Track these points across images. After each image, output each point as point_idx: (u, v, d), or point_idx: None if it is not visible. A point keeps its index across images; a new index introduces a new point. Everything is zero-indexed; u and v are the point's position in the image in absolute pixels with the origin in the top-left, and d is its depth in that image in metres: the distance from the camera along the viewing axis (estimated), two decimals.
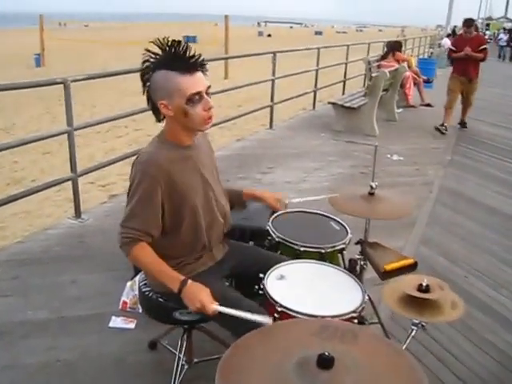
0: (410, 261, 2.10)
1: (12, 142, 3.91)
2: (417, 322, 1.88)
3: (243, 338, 1.32)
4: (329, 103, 7.71)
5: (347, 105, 7.28)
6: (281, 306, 1.71)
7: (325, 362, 1.13)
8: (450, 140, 7.24)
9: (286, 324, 1.49)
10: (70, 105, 3.80)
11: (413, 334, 1.90)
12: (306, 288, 1.86)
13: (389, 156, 6.10)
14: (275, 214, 2.41)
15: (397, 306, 1.55)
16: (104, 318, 2.70)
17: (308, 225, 2.42)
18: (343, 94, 9.74)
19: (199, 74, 1.75)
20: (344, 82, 10.42)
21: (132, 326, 2.64)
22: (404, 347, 1.87)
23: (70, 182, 4.04)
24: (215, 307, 1.68)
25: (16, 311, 2.78)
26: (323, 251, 2.15)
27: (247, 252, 2.14)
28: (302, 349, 1.21)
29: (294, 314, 1.68)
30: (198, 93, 1.72)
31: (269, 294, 1.77)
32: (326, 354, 1.13)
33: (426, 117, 8.79)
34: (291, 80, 9.03)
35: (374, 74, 7.57)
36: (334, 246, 2.19)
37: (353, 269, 2.26)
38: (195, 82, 1.72)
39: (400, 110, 9.03)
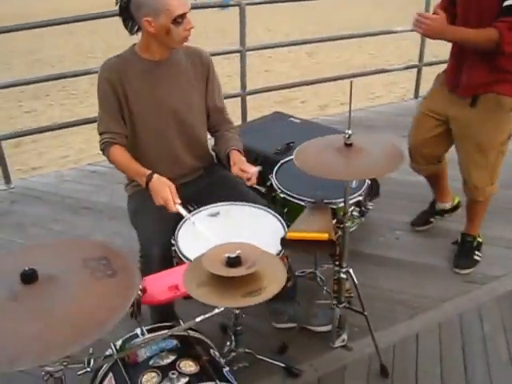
0: (324, 236, 1.48)
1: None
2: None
3: None
4: None
5: None
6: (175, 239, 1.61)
7: (26, 277, 1.08)
8: None
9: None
10: None
11: None
12: (228, 230, 1.64)
13: None
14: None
15: (200, 292, 1.10)
16: None
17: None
18: None
19: None
20: None
21: None
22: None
23: None
24: (177, 207, 1.66)
25: None
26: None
27: (226, 185, 1.97)
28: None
29: (179, 253, 1.55)
30: (184, 14, 1.72)
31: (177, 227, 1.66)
32: (27, 268, 1.10)
33: None
34: None
35: None
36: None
37: None
38: (182, 3, 1.71)
39: None
